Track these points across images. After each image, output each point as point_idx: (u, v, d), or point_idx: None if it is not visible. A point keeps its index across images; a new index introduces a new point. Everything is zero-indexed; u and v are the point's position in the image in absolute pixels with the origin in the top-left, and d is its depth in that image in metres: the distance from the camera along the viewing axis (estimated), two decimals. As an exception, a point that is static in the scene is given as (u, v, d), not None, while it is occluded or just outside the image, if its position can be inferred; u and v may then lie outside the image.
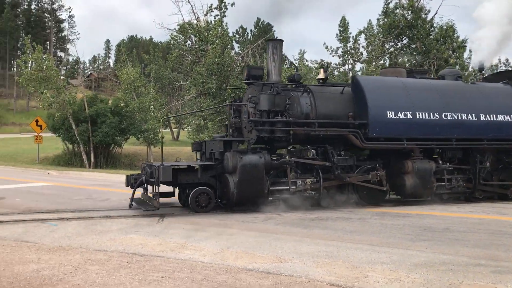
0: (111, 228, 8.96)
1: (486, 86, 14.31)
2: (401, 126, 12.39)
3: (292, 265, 6.23)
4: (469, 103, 13.22)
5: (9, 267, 5.98)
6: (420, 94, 12.87)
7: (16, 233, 8.39)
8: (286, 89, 12.51)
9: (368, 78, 14.57)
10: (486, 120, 13.22)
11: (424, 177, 12.55)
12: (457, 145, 12.97)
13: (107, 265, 6.13)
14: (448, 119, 12.83)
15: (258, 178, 11.10)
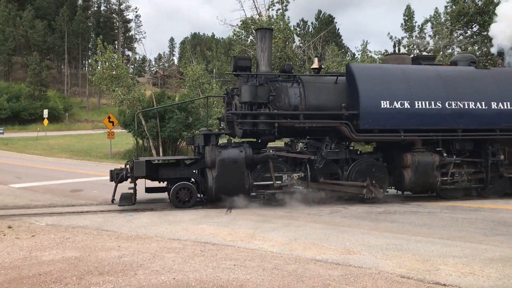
0: (183, 218, 9.37)
1: (503, 71, 13.09)
2: (398, 116, 11.50)
3: (361, 257, 6.26)
4: (478, 90, 12.11)
5: (93, 253, 6.45)
6: (420, 81, 11.94)
7: (97, 222, 8.98)
8: (274, 80, 11.87)
9: (362, 66, 13.71)
10: (498, 109, 12.03)
11: (425, 171, 11.70)
12: (463, 136, 11.94)
13: (182, 253, 6.45)
14: (452, 108, 11.78)
15: (238, 173, 10.83)
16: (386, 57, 14.08)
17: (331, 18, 62.71)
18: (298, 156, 11.49)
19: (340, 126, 11.47)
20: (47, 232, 8.03)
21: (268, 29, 12.80)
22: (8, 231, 8.09)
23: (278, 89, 11.61)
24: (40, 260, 6.09)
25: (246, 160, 10.94)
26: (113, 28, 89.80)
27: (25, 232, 7.97)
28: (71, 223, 8.90)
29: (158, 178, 11.37)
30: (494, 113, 11.98)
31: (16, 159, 24.73)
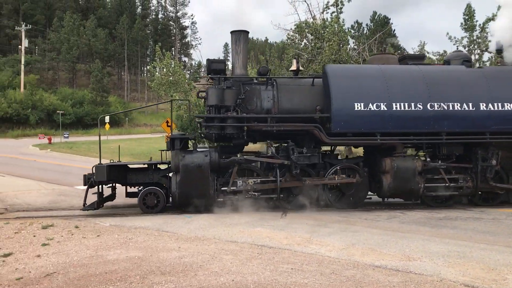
0: (239, 221, 9.50)
1: (495, 70, 12.26)
2: (373, 119, 10.92)
3: (422, 263, 6.11)
4: (465, 91, 11.27)
5: (155, 253, 6.68)
6: (400, 82, 11.28)
7: (157, 223, 9.28)
8: (248, 83, 11.55)
9: (338, 67, 12.99)
10: (487, 110, 11.14)
11: (405, 177, 11.01)
12: (447, 140, 11.14)
13: (239, 255, 6.56)
14: (434, 110, 11.04)
15: (202, 178, 10.64)
16: (370, 58, 13.59)
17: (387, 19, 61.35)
18: (267, 160, 11.23)
19: (311, 129, 11.08)
20: (111, 232, 8.39)
21: (242, 31, 12.19)
22: (76, 231, 8.53)
23: (249, 92, 11.39)
24: (105, 259, 6.39)
25: (212, 165, 10.75)
26: (170, 35, 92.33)
27: (91, 232, 8.37)
28: (133, 224, 9.25)
29: (127, 183, 11.42)
30: (483, 115, 11.13)
31: (81, 162, 25.93)
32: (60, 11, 77.50)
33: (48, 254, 6.73)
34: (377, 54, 13.75)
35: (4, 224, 9.20)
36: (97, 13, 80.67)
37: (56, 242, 7.58)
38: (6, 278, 5.57)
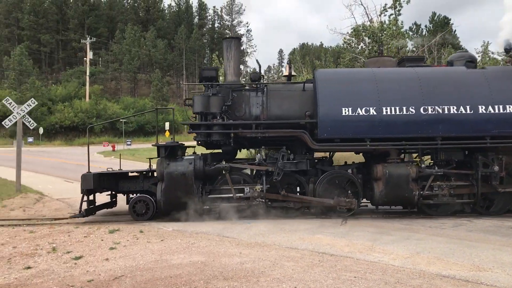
0: (298, 227, 9.46)
1: (498, 70, 11.52)
2: (362, 124, 10.52)
3: (493, 274, 5.82)
4: (463, 93, 10.63)
5: (217, 258, 6.78)
6: (392, 86, 10.83)
7: (218, 229, 9.42)
8: (238, 90, 11.52)
9: (328, 71, 12.68)
10: (487, 113, 10.45)
11: (398, 184, 10.51)
12: (443, 145, 10.56)
13: (300, 262, 6.52)
14: (428, 114, 10.48)
15: (186, 186, 10.58)
16: (367, 61, 12.98)
17: (447, 19, 59.29)
18: (252, 167, 11.17)
19: (298, 135, 10.87)
20: (174, 237, 8.61)
21: (233, 38, 12.37)
22: (140, 235, 8.82)
23: (237, 98, 11.38)
24: (170, 263, 6.56)
25: (196, 173, 10.72)
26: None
27: (155, 237, 8.63)
28: (194, 229, 9.44)
29: (118, 190, 11.64)
30: (482, 119, 10.46)
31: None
32: (121, 23, 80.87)
33: (115, 258, 7.00)
34: (373, 57, 13.11)
35: (74, 228, 9.67)
36: (156, 25, 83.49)
37: (123, 246, 7.87)
38: (78, 280, 5.84)
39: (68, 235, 8.93)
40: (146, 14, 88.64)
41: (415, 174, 10.58)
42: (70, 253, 7.41)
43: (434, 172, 10.76)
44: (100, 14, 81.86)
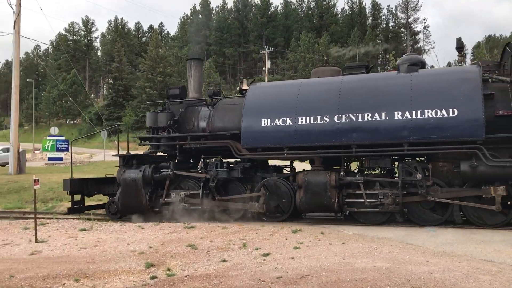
0: (492, 238, 8.60)
1: (427, 73, 10.68)
2: (279, 134, 10.89)
3: None
4: (380, 100, 10.27)
5: (402, 265, 6.56)
6: (311, 96, 11.04)
7: (400, 235, 9.11)
8: (193, 105, 12.83)
9: (261, 85, 12.66)
10: (403, 119, 9.94)
11: (317, 191, 10.58)
12: (357, 153, 10.38)
13: (499, 276, 5.93)
14: (342, 122, 10.43)
15: (136, 191, 11.97)
16: (312, 71, 12.98)
17: None
18: (190, 174, 12.03)
19: (226, 145, 11.62)
20: (355, 240, 8.59)
21: (193, 59, 13.62)
22: (322, 237, 9.01)
23: (189, 113, 12.67)
24: (354, 266, 6.57)
25: (144, 179, 11.94)
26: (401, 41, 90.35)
27: (336, 239, 8.73)
28: (375, 234, 9.28)
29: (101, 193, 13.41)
30: (398, 125, 9.96)
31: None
32: (296, 32, 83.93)
33: (300, 257, 7.27)
34: (321, 67, 13.36)
35: (261, 227, 10.33)
36: (330, 29, 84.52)
37: (306, 246, 8.14)
38: (268, 275, 6.23)
39: (255, 232, 9.59)
40: (319, 20, 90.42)
41: (335, 182, 10.54)
42: (259, 249, 7.94)
43: (354, 180, 10.57)
44: (277, 25, 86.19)
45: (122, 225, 11.28)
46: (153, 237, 9.37)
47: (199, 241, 8.84)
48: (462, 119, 9.54)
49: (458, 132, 9.55)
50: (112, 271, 6.72)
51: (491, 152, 9.46)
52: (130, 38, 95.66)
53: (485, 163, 9.42)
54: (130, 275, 6.51)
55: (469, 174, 9.71)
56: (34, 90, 58.58)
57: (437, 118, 9.72)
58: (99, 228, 10.80)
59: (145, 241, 8.99)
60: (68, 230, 10.55)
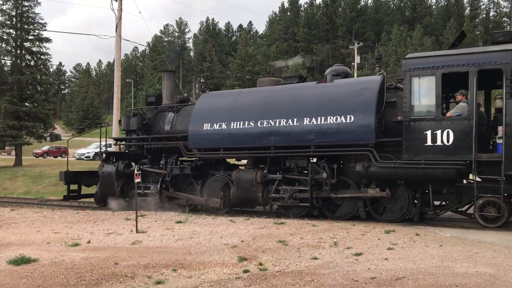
0: None
1: (337, 84, 11.73)
2: (216, 137, 12.43)
3: None
4: (294, 107, 11.62)
5: (508, 272, 6.10)
6: (244, 104, 12.54)
7: (506, 240, 8.48)
8: (162, 111, 14.64)
9: (212, 93, 14.43)
10: (310, 124, 11.19)
11: (245, 186, 12.10)
12: (275, 154, 11.75)
13: None
14: (263, 127, 11.83)
15: (110, 183, 14.16)
16: (260, 80, 14.43)
17: None
18: (153, 170, 13.85)
19: (176, 146, 13.49)
20: (453, 243, 8.13)
21: (166, 71, 16.08)
22: (417, 238, 8.65)
23: (156, 117, 14.59)
24: (453, 271, 6.22)
25: (117, 173, 14.09)
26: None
27: (432, 241, 8.33)
28: (476, 237, 8.73)
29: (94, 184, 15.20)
30: (306, 129, 11.30)
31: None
32: (387, 25, 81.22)
33: (394, 258, 7.04)
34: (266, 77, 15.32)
35: (352, 226, 10.15)
36: (423, 22, 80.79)
37: (400, 247, 7.86)
38: (361, 275, 6.10)
39: (346, 231, 9.44)
40: (412, 13, 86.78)
41: (260, 179, 11.92)
42: (350, 249, 7.80)
43: (275, 177, 11.87)
44: (367, 19, 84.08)
45: (215, 218, 11.66)
46: (245, 232, 9.57)
47: (289, 237, 8.89)
48: (356, 125, 10.72)
49: (353, 136, 10.76)
50: (207, 262, 6.97)
51: (387, 154, 10.56)
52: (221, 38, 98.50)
53: (375, 164, 10.48)
54: (224, 268, 6.70)
55: (363, 174, 10.83)
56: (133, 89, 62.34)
57: (337, 123, 10.95)
58: (194, 221, 11.25)
59: (237, 235, 9.21)
60: (165, 222, 11.11)
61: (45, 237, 9.24)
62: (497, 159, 9.50)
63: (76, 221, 11.69)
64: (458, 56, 10.13)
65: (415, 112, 10.26)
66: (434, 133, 9.99)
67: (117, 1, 23.26)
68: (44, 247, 8.30)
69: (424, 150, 10.07)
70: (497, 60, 9.66)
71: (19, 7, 31.10)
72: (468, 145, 9.63)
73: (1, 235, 9.62)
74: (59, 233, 9.72)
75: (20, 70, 30.21)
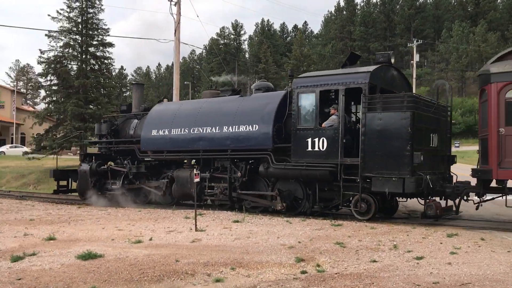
0: None
1: (252, 98, 13.99)
2: (161, 141, 14.79)
3: None
4: (217, 117, 13.75)
5: None
6: (183, 113, 14.86)
7: None
8: (130, 118, 17.01)
9: (163, 103, 16.84)
10: (228, 132, 13.35)
11: (182, 183, 14.25)
12: (203, 156, 13.97)
13: None
14: (195, 133, 14.05)
15: (85, 179, 16.43)
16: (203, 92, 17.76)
17: None
18: (117, 169, 16.24)
19: (132, 148, 15.89)
20: (524, 250, 7.73)
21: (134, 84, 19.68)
22: (482, 243, 8.29)
23: (124, 124, 17.04)
24: (523, 278, 5.92)
25: (91, 171, 16.38)
26: None
27: (499, 247, 7.97)
28: (548, 244, 8.25)
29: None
30: (225, 136, 13.38)
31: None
32: (448, 21, 78.27)
33: (458, 263, 6.79)
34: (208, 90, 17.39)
35: (412, 229, 9.88)
36: (487, 17, 77.17)
37: (464, 252, 7.57)
38: (423, 280, 5.93)
39: (406, 234, 9.20)
40: (475, 8, 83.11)
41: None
42: (411, 252, 7.60)
43: (204, 175, 13.62)
44: (426, 16, 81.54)
45: (271, 219, 11.71)
46: (301, 233, 9.55)
47: (347, 239, 8.78)
48: (260, 133, 12.70)
49: (257, 142, 12.77)
50: (264, 262, 7.02)
51: (285, 157, 12.33)
52: (276, 38, 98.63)
53: (271, 165, 12.40)
54: (281, 268, 6.72)
55: (264, 173, 12.78)
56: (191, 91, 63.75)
57: (246, 131, 12.97)
58: (250, 221, 11.36)
59: (293, 235, 9.21)
60: (223, 221, 11.29)
61: (110, 234, 9.65)
62: (356, 163, 11.12)
63: (138, 218, 12.12)
64: (331, 76, 12.08)
65: (300, 122, 12.12)
66: (313, 140, 11.89)
67: (176, 5, 23.86)
68: (109, 243, 8.67)
69: (306, 155, 11.93)
70: (358, 80, 11.39)
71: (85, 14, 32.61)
72: (337, 151, 11.43)
73: (69, 231, 10.15)
74: (122, 230, 10.12)
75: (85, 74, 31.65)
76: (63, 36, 32.35)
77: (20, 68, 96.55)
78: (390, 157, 10.66)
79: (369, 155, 10.91)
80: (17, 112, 58.12)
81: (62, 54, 32.17)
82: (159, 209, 14.15)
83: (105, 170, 16.58)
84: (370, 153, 10.90)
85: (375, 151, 10.87)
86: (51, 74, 31.87)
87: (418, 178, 10.35)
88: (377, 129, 10.86)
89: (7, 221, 11.80)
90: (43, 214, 13.42)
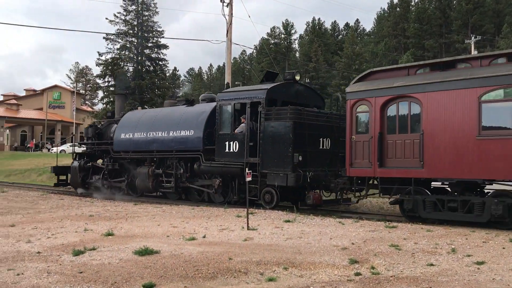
0: None
1: (193, 107, 17.11)
2: (127, 143, 18.32)
3: None
4: (167, 123, 17.12)
5: None
6: (145, 119, 18.29)
7: None
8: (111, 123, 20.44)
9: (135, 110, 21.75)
10: (173, 136, 16.65)
11: (142, 178, 17.55)
12: (156, 155, 17.44)
13: None
14: (150, 137, 17.46)
15: (76, 174, 20.30)
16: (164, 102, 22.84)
17: None
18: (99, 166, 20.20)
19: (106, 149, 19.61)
20: None
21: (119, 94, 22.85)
22: None
23: (105, 128, 20.49)
24: None
25: (79, 167, 20.12)
26: None
27: None
28: None
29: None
30: (170, 139, 16.78)
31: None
32: (509, 16, 74.54)
33: (522, 270, 6.45)
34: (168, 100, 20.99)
35: (471, 232, 9.50)
36: (552, 10, 72.89)
37: (529, 258, 7.18)
38: (485, 286, 5.69)
39: (465, 238, 8.86)
40: (539, 1, 78.56)
41: (151, 173, 17.28)
42: (471, 256, 7.31)
43: (157, 172, 17.21)
44: (485, 11, 78.11)
45: (323, 219, 11.62)
46: (354, 234, 9.41)
47: (403, 242, 8.56)
48: (194, 137, 15.94)
49: (193, 144, 15.97)
50: (317, 263, 6.97)
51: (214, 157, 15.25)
52: (327, 37, 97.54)
53: (202, 164, 15.55)
54: (335, 269, 6.65)
55: (197, 170, 15.95)
56: (241, 91, 64.13)
57: (186, 135, 16.19)
58: (302, 221, 11.31)
59: (346, 237, 9.08)
60: (274, 221, 11.31)
61: (165, 231, 9.90)
62: (256, 162, 14.00)
63: (192, 216, 12.35)
64: (242, 92, 15.34)
65: (221, 128, 15.16)
66: (229, 143, 14.81)
67: (228, 6, 24.11)
68: (164, 240, 8.89)
69: (225, 155, 14.89)
70: (258, 95, 14.35)
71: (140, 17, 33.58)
72: (244, 152, 14.22)
73: (126, 227, 10.50)
74: (177, 227, 10.35)
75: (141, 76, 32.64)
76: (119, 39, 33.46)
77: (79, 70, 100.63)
78: (278, 157, 13.49)
79: (265, 156, 13.82)
80: (77, 112, 60.91)
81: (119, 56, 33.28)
82: (211, 207, 14.37)
83: (89, 166, 20.25)
84: (266, 154, 13.80)
85: (269, 152, 13.75)
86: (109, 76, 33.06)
87: (298, 174, 13.10)
88: (270, 135, 13.74)
89: (69, 217, 12.37)
90: (102, 210, 13.97)
